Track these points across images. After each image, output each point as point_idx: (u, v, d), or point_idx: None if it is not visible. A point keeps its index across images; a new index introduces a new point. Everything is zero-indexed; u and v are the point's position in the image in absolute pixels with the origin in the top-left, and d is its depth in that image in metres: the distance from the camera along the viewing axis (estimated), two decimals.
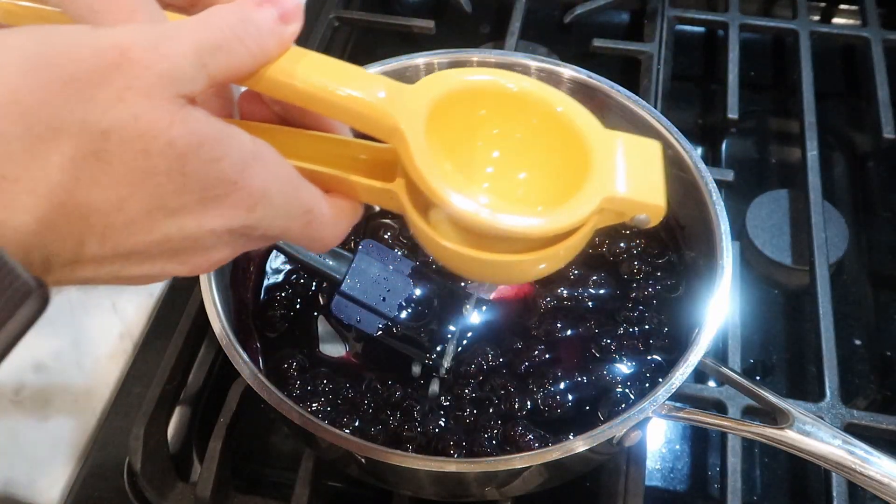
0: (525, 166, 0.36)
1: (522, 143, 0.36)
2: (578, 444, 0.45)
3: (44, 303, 0.25)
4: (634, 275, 0.60)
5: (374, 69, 0.60)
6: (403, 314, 0.57)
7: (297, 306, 0.60)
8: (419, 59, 0.60)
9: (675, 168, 0.58)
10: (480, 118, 0.35)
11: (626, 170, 0.33)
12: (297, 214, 0.32)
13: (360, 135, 0.36)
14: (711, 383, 0.61)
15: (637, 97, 0.59)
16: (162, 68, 0.26)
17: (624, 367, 0.55)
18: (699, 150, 0.73)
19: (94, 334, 0.65)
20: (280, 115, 0.37)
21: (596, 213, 0.33)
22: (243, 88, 0.36)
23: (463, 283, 0.60)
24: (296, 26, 0.32)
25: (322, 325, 0.59)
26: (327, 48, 0.84)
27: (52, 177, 0.25)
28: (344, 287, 0.55)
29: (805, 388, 0.65)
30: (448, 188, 0.31)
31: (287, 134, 0.36)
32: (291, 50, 0.32)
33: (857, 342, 0.68)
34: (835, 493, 0.53)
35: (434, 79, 0.34)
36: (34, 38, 0.26)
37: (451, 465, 0.46)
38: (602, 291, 0.59)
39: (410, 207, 0.34)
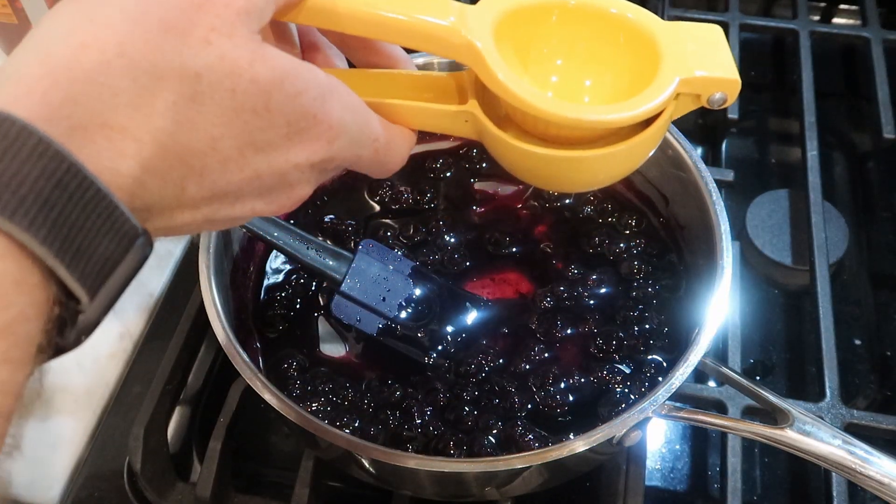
0: (591, 72, 0.37)
1: (587, 49, 0.37)
2: (578, 444, 0.45)
3: (149, 248, 0.27)
4: (634, 275, 0.60)
5: None
6: (403, 314, 0.57)
7: (297, 306, 0.60)
8: (419, 59, 0.59)
9: (675, 168, 0.58)
10: (542, 30, 0.37)
11: (695, 53, 0.35)
12: (368, 142, 0.35)
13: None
14: (711, 383, 0.61)
15: None
16: (239, 5, 0.28)
17: (624, 367, 0.55)
18: (699, 150, 0.73)
19: (94, 334, 0.65)
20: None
21: (673, 98, 0.34)
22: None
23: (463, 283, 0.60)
24: None
25: (322, 325, 0.59)
26: None
27: (154, 123, 0.27)
28: (344, 287, 0.55)
29: (805, 388, 0.65)
30: (529, 92, 0.33)
31: (354, 74, 0.38)
32: None
33: (857, 342, 0.68)
34: (835, 493, 0.53)
35: None
36: None
37: (451, 465, 0.46)
38: (602, 291, 0.59)
39: (489, 122, 0.36)
